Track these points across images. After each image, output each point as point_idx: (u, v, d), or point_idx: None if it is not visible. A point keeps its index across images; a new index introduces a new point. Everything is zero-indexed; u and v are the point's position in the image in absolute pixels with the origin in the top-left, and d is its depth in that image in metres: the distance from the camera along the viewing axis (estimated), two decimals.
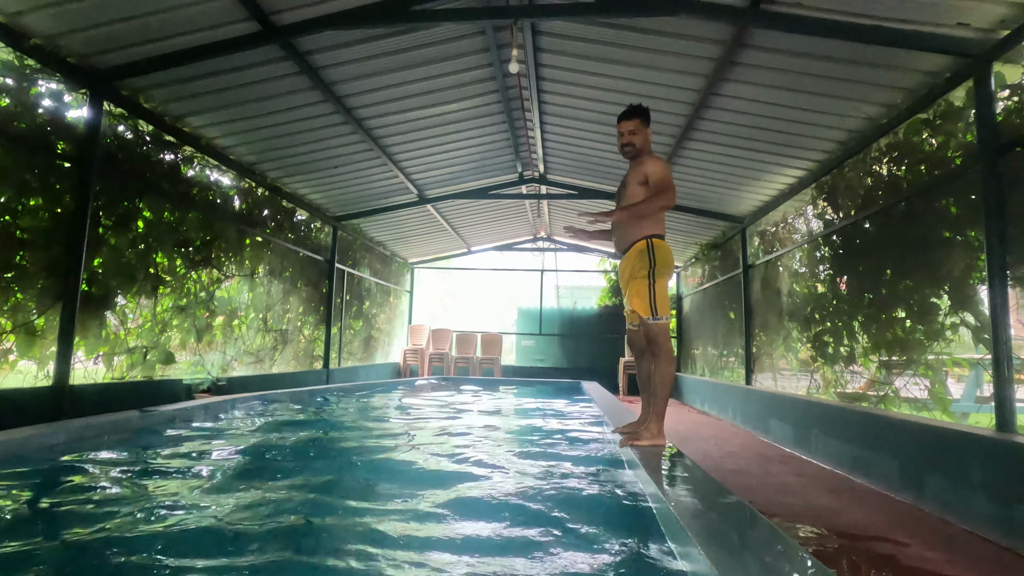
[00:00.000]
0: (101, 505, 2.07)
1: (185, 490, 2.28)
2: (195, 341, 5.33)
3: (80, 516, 1.96)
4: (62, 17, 3.49)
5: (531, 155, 7.54)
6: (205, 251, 5.38)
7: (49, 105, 3.83)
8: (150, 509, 2.00)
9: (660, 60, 4.62)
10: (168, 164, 4.94)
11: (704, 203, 7.49)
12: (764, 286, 6.83)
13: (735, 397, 7.02)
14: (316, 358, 7.86)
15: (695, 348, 10.27)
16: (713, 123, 5.34)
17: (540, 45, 4.90)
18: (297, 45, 4.33)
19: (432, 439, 3.63)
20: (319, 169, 6.59)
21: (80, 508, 2.04)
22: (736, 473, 4.03)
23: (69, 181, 3.88)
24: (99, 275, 4.20)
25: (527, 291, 12.62)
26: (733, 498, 1.95)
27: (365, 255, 9.64)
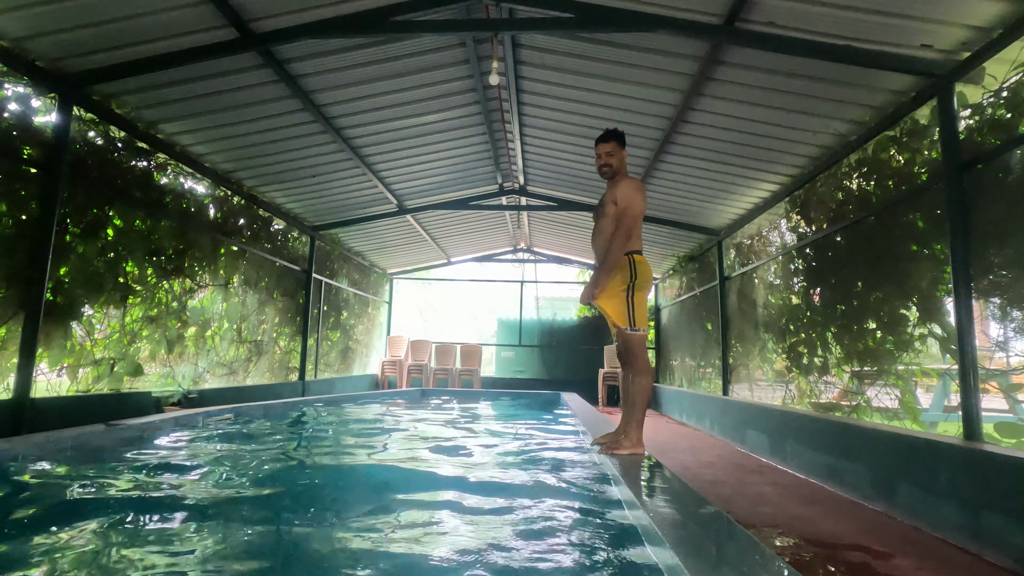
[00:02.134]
0: (58, 523, 1.98)
1: (149, 506, 2.20)
2: (166, 352, 5.19)
3: (36, 533, 1.88)
4: (31, 20, 3.41)
5: (511, 167, 7.58)
6: (178, 260, 5.26)
7: (15, 109, 3.72)
8: (111, 526, 1.93)
9: (638, 75, 4.69)
10: (140, 171, 4.84)
11: (681, 215, 7.60)
12: (740, 298, 6.93)
13: (712, 408, 7.09)
14: (292, 370, 7.71)
15: (673, 359, 10.36)
16: (690, 137, 5.44)
17: (520, 58, 4.94)
18: (275, 53, 4.30)
19: (408, 453, 3.58)
20: (297, 178, 6.52)
21: (35, 526, 1.95)
22: (713, 483, 4.05)
23: (35, 187, 3.77)
24: (65, 284, 4.07)
25: (507, 302, 12.63)
26: (711, 509, 1.96)
27: (343, 265, 9.54)
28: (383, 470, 3.06)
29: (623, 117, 5.44)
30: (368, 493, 2.51)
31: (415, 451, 3.61)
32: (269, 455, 3.38)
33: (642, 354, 3.05)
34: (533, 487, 2.63)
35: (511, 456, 3.45)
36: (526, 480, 2.78)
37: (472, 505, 2.27)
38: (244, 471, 2.92)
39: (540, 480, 2.78)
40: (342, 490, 2.58)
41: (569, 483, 2.74)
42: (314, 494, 2.49)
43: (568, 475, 2.92)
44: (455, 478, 2.78)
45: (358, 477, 2.89)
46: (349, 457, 3.45)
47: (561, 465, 3.20)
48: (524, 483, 2.71)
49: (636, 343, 3.05)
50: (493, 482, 2.70)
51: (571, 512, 2.25)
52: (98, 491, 2.41)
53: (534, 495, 2.46)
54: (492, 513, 2.18)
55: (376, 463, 3.26)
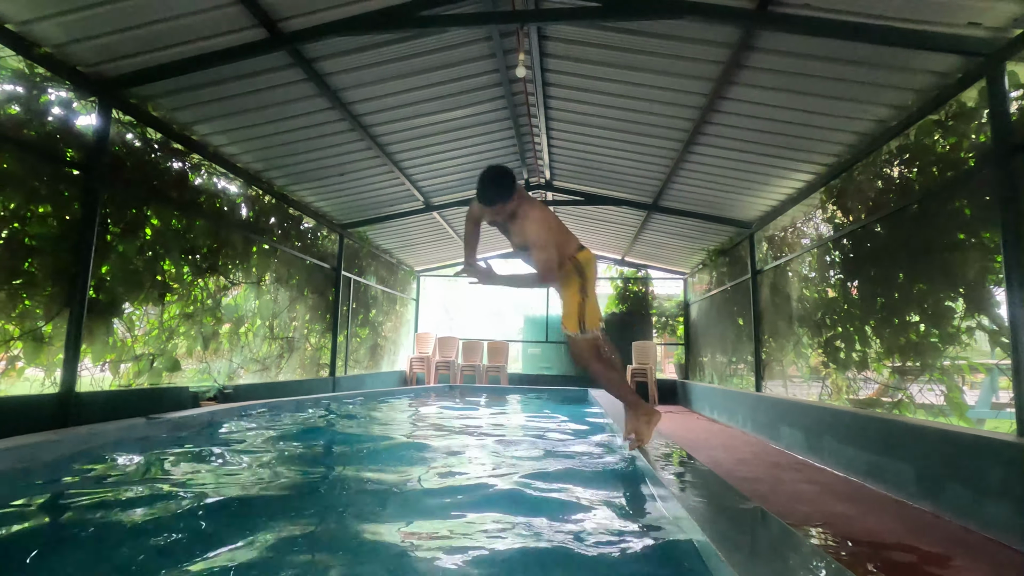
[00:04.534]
0: (106, 512, 2.04)
1: (189, 496, 2.25)
2: (201, 349, 5.32)
3: (85, 522, 1.93)
4: (72, 25, 3.52)
5: (537, 161, 7.54)
6: (212, 258, 5.38)
7: (58, 113, 3.85)
8: (154, 515, 1.97)
9: (666, 64, 4.60)
10: (175, 171, 4.96)
11: (712, 208, 7.45)
12: (773, 292, 6.76)
13: (745, 404, 6.94)
14: (322, 366, 7.83)
15: (703, 355, 10.19)
16: (720, 127, 5.31)
17: (546, 50, 4.90)
18: (304, 52, 4.35)
19: (440, 449, 3.58)
20: (326, 176, 6.60)
21: (85, 515, 2.01)
22: (748, 480, 3.96)
23: (77, 188, 3.89)
24: (106, 282, 4.20)
25: (533, 299, 12.57)
26: (750, 503, 1.90)
27: (371, 263, 9.64)
28: (416, 463, 3.07)
29: (651, 108, 5.35)
30: (402, 485, 2.52)
31: (447, 446, 3.62)
32: (303, 449, 3.43)
33: (588, 355, 3.00)
34: (565, 483, 2.60)
35: (541, 452, 3.43)
36: (558, 476, 2.74)
37: (503, 500, 2.26)
38: (281, 464, 2.96)
39: (572, 476, 2.75)
40: (376, 484, 2.60)
41: (601, 478, 2.71)
42: (346, 489, 2.51)
43: (600, 470, 2.89)
44: (486, 473, 2.78)
45: (391, 469, 2.90)
46: (384, 451, 3.47)
47: (592, 460, 3.16)
48: (556, 479, 2.68)
49: (584, 347, 2.99)
50: (524, 478, 2.67)
51: (605, 507, 2.22)
52: (140, 482, 2.47)
53: (567, 491, 2.43)
54: (524, 508, 2.16)
55: (409, 456, 3.27)
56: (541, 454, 3.34)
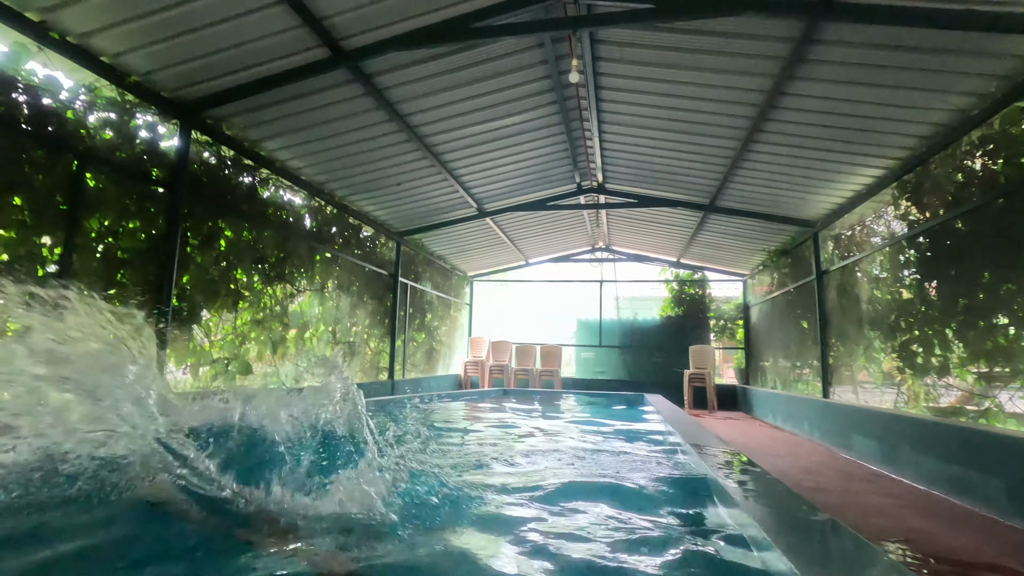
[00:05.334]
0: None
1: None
2: (270, 353, 5.61)
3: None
4: (157, 55, 3.81)
5: (589, 165, 7.51)
6: (279, 267, 5.67)
7: (145, 136, 4.17)
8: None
9: (723, 62, 4.50)
10: (246, 186, 5.27)
11: (772, 207, 7.19)
12: (841, 293, 6.45)
13: (811, 411, 6.64)
14: (382, 369, 8.08)
15: (764, 359, 9.81)
16: (781, 124, 5.13)
17: (598, 54, 4.88)
18: (363, 68, 4.52)
19: (501, 452, 3.63)
20: (383, 186, 6.82)
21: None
22: (817, 491, 3.79)
23: (162, 205, 4.21)
24: (187, 291, 4.51)
25: (586, 302, 12.49)
26: (823, 515, 1.83)
27: (426, 269, 9.87)
28: (480, 468, 3.12)
29: (706, 107, 5.24)
30: (467, 488, 2.57)
31: (507, 449, 3.66)
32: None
33: None
34: (625, 489, 2.58)
35: (600, 457, 3.41)
36: (617, 482, 2.72)
37: (566, 507, 2.26)
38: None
39: (632, 482, 2.72)
40: (447, 486, 2.66)
41: (662, 485, 2.67)
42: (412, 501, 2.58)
43: (661, 477, 2.84)
44: (542, 479, 2.79)
45: (458, 473, 2.97)
46: (453, 454, 3.55)
47: (652, 466, 3.12)
48: (616, 485, 2.66)
49: None
50: (584, 485, 2.67)
51: (668, 515, 2.19)
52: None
53: (628, 498, 2.41)
54: (585, 515, 2.17)
55: (474, 460, 3.33)
56: (599, 460, 3.33)
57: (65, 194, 3.54)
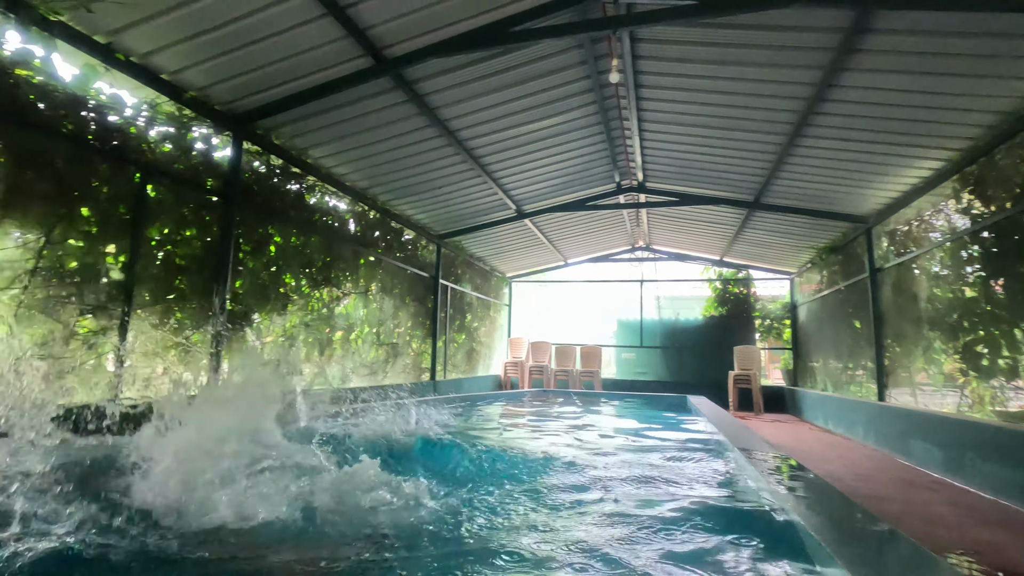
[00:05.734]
0: None
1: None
2: (318, 354, 5.78)
3: None
4: (212, 70, 3.99)
5: (629, 164, 7.43)
6: (326, 271, 5.84)
7: (201, 147, 4.37)
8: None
9: (768, 56, 4.37)
10: (294, 193, 5.45)
11: (821, 203, 6.94)
12: (896, 292, 6.16)
13: (865, 414, 6.37)
14: (424, 370, 8.20)
15: (814, 360, 9.47)
16: (831, 117, 4.95)
17: (638, 52, 4.83)
18: (405, 75, 4.61)
19: (544, 455, 3.63)
20: (424, 190, 6.93)
21: None
22: (874, 500, 3.64)
23: (216, 213, 4.40)
24: (240, 295, 4.70)
25: (626, 302, 12.35)
26: (884, 525, 1.76)
27: (466, 271, 9.97)
28: (528, 471, 3.14)
29: (751, 102, 5.10)
30: (514, 493, 2.59)
31: (550, 452, 3.66)
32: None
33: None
34: (673, 494, 2.54)
35: (645, 461, 3.37)
36: (665, 487, 2.69)
37: (613, 512, 2.25)
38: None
39: (679, 487, 2.68)
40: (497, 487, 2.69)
41: (711, 490, 2.62)
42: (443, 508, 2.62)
43: (709, 482, 2.79)
44: (591, 483, 2.78)
45: (503, 474, 2.99)
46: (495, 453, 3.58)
47: (700, 471, 3.06)
48: (663, 491, 2.63)
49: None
50: (631, 489, 2.65)
51: (718, 522, 2.14)
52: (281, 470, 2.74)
53: (676, 503, 2.38)
54: (632, 521, 2.15)
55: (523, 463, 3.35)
56: (644, 463, 3.29)
57: (128, 204, 3.74)
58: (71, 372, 3.28)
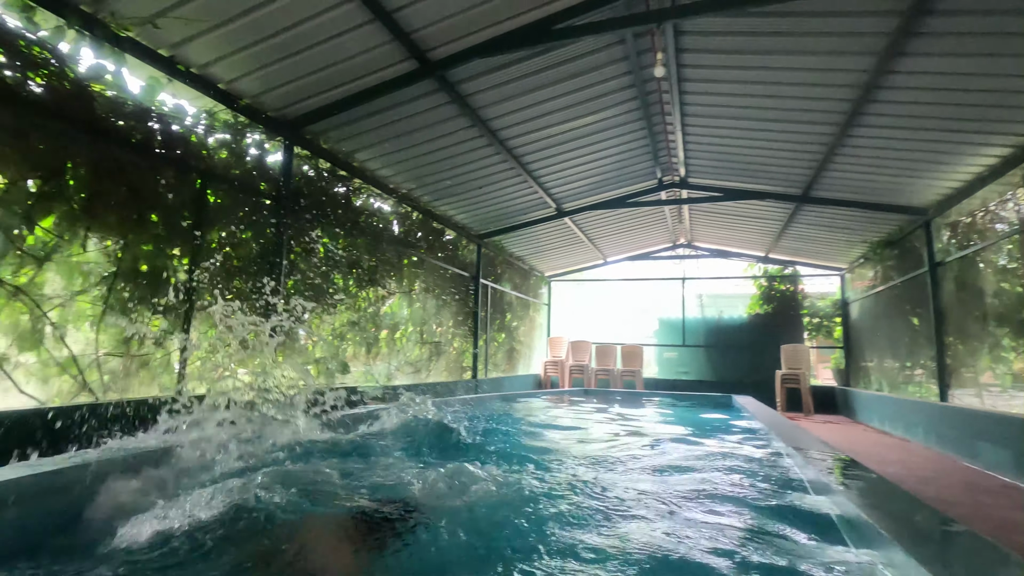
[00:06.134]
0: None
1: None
2: (365, 353, 5.92)
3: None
4: (265, 78, 4.14)
5: (671, 159, 7.32)
6: (372, 271, 5.97)
7: (254, 153, 4.54)
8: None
9: (819, 43, 4.24)
10: (341, 196, 5.60)
11: (875, 196, 6.67)
12: (960, 287, 5.87)
13: (925, 415, 6.09)
14: (465, 368, 8.29)
15: (867, 359, 9.10)
16: (886, 104, 4.76)
17: (682, 45, 4.76)
18: (448, 77, 4.67)
19: (592, 456, 3.62)
20: (465, 191, 7.00)
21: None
22: (940, 504, 3.48)
23: (270, 216, 4.56)
24: (292, 295, 4.85)
25: (667, 301, 12.15)
26: (960, 526, 1.69)
27: (506, 270, 10.01)
28: (572, 472, 3.15)
29: (800, 92, 4.96)
30: (560, 492, 2.60)
31: (598, 453, 3.66)
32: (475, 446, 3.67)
33: None
34: (728, 496, 2.49)
35: (697, 463, 3.31)
36: (720, 489, 2.63)
37: (666, 514, 2.22)
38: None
39: (735, 489, 2.62)
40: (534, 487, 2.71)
41: (767, 492, 2.56)
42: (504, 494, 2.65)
43: (765, 483, 2.73)
44: (642, 485, 2.76)
45: (549, 476, 3.01)
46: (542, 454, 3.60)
47: (754, 472, 2.99)
48: (718, 492, 2.57)
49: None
50: (685, 491, 2.61)
51: (778, 525, 2.08)
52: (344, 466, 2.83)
53: (732, 505, 2.33)
54: (689, 524, 2.11)
55: (568, 463, 3.36)
56: (697, 465, 3.23)
57: (191, 209, 3.92)
58: (144, 368, 3.47)
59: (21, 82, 2.90)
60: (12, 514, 1.61)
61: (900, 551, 1.46)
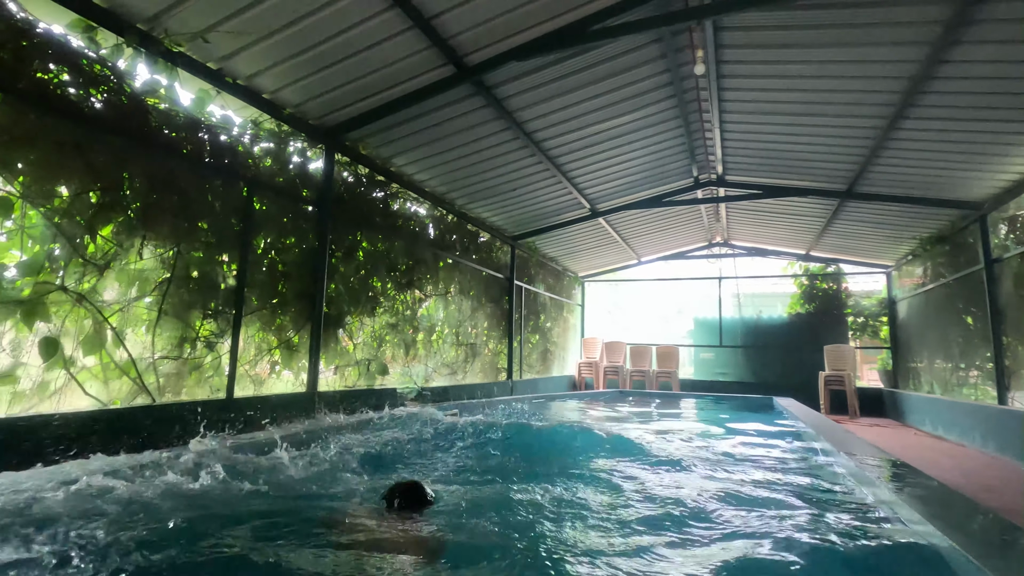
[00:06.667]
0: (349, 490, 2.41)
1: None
2: (403, 354, 6.00)
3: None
4: (307, 87, 4.25)
5: (708, 157, 7.19)
6: (409, 274, 6.05)
7: (297, 160, 4.66)
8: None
9: (868, 35, 4.10)
10: (379, 200, 5.69)
11: (925, 190, 6.42)
12: (1019, 284, 5.58)
13: (984, 419, 5.81)
14: (500, 370, 8.32)
15: (917, 360, 8.74)
16: (938, 95, 4.57)
17: (722, 41, 4.66)
18: (484, 80, 4.70)
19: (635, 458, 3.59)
20: (499, 193, 7.02)
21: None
22: (1005, 514, 3.30)
23: (312, 222, 4.67)
24: (334, 299, 4.96)
25: (703, 300, 11.94)
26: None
27: (539, 271, 10.00)
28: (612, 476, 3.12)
29: (846, 85, 4.81)
30: (603, 496, 2.59)
31: (640, 455, 3.62)
32: (504, 447, 3.69)
33: None
34: (780, 503, 2.42)
35: (747, 466, 3.24)
36: (770, 495, 2.57)
37: (723, 522, 2.18)
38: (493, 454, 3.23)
39: (785, 495, 2.56)
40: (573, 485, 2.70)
41: (822, 498, 2.48)
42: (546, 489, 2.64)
43: (817, 488, 2.65)
44: (690, 490, 2.71)
45: (590, 480, 2.99)
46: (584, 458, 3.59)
47: (805, 476, 2.91)
48: (769, 499, 2.51)
49: None
50: (735, 497, 2.55)
51: (842, 533, 2.01)
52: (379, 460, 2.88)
53: (786, 513, 2.27)
54: (742, 535, 2.07)
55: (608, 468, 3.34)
56: (747, 469, 3.16)
57: (238, 217, 4.05)
58: (196, 370, 3.60)
59: (83, 98, 3.05)
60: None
61: (971, 562, 1.40)
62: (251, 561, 1.66)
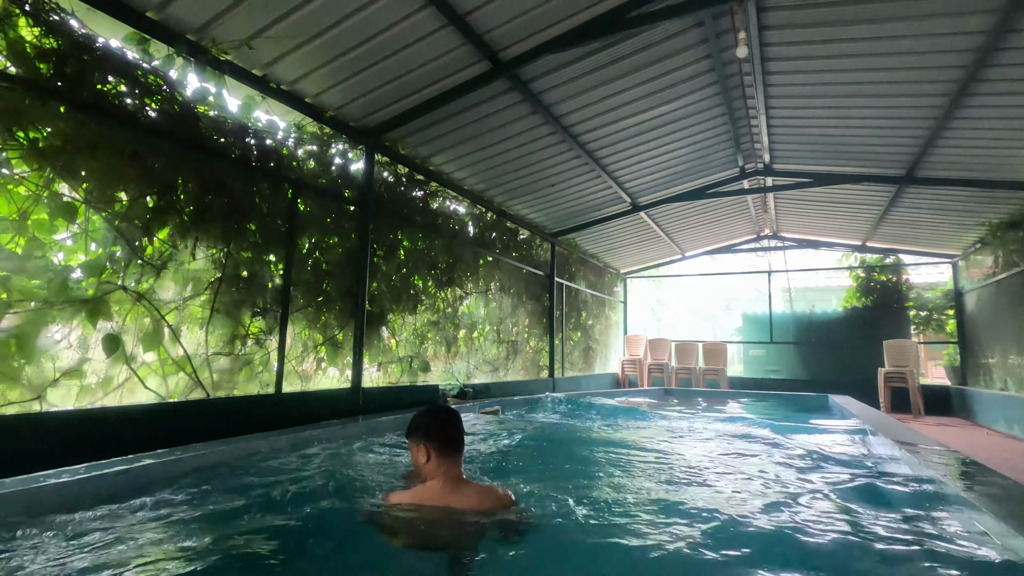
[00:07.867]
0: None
1: None
2: (445, 352, 6.05)
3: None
4: (347, 90, 4.34)
5: (754, 145, 6.94)
6: (449, 272, 6.10)
7: (339, 162, 4.77)
8: None
9: (924, 6, 3.85)
10: (419, 199, 5.75)
11: (995, 172, 5.99)
12: None
13: None
14: (542, 368, 8.28)
15: (989, 355, 8.17)
16: (1007, 68, 4.25)
17: (765, 22, 4.48)
18: (520, 75, 4.68)
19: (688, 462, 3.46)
20: (538, 189, 6.99)
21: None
22: None
23: (354, 222, 4.77)
24: (376, 297, 5.05)
25: (752, 295, 11.56)
26: None
27: (580, 268, 9.91)
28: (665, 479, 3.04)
29: (903, 63, 4.53)
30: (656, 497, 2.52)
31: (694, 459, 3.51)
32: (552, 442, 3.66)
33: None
34: (850, 510, 2.24)
35: (812, 471, 3.06)
36: (839, 502, 2.38)
37: (795, 526, 2.05)
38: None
39: (858, 502, 2.35)
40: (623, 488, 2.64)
41: (898, 503, 2.30)
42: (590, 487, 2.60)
43: (896, 493, 2.45)
44: (754, 492, 2.59)
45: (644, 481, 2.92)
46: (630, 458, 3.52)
47: (880, 480, 2.69)
48: (834, 508, 2.32)
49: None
50: (806, 500, 2.41)
51: (921, 542, 1.86)
52: None
53: (859, 520, 2.11)
54: (818, 540, 1.94)
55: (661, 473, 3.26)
56: (814, 474, 2.97)
57: (284, 217, 4.17)
58: (247, 366, 3.73)
59: (139, 108, 3.20)
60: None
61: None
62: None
